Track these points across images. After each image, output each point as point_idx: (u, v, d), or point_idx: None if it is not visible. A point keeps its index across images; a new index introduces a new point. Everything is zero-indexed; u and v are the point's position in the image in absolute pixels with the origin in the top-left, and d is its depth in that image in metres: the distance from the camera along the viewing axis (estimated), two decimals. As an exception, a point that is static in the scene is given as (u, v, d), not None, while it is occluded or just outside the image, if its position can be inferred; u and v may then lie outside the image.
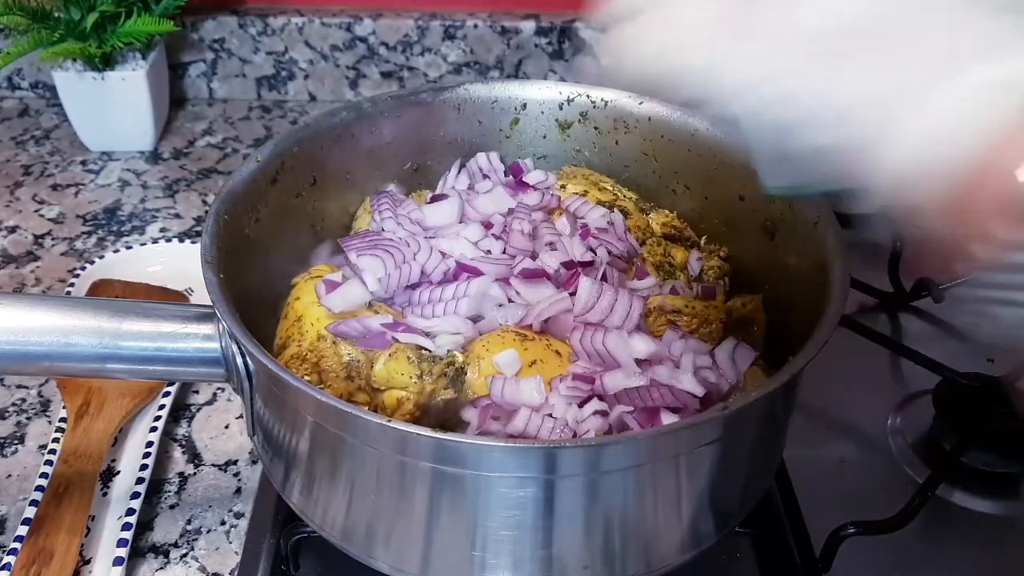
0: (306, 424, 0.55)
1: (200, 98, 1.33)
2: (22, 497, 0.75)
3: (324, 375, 0.60)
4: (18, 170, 1.17)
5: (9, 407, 0.84)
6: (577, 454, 0.51)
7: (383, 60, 1.29)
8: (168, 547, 0.72)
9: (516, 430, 0.58)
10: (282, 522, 0.70)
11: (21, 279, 0.99)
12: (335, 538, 0.60)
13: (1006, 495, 0.76)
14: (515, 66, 1.28)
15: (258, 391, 0.58)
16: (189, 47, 1.29)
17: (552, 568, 0.55)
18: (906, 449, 0.79)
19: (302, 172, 0.72)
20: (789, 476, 0.74)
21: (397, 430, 0.50)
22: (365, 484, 0.55)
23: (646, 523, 0.56)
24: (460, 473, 0.51)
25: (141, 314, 0.59)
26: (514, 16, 1.26)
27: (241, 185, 0.66)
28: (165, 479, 0.77)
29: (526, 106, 0.80)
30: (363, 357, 0.60)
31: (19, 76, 1.31)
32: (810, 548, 0.69)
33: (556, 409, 0.58)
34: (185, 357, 0.59)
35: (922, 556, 0.72)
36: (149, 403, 0.81)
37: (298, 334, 0.62)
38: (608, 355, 0.60)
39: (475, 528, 0.54)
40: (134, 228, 1.07)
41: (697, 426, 0.52)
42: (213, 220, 0.62)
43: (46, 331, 0.57)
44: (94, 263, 0.95)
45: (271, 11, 1.27)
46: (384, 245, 0.67)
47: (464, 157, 0.80)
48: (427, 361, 0.61)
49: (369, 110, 0.75)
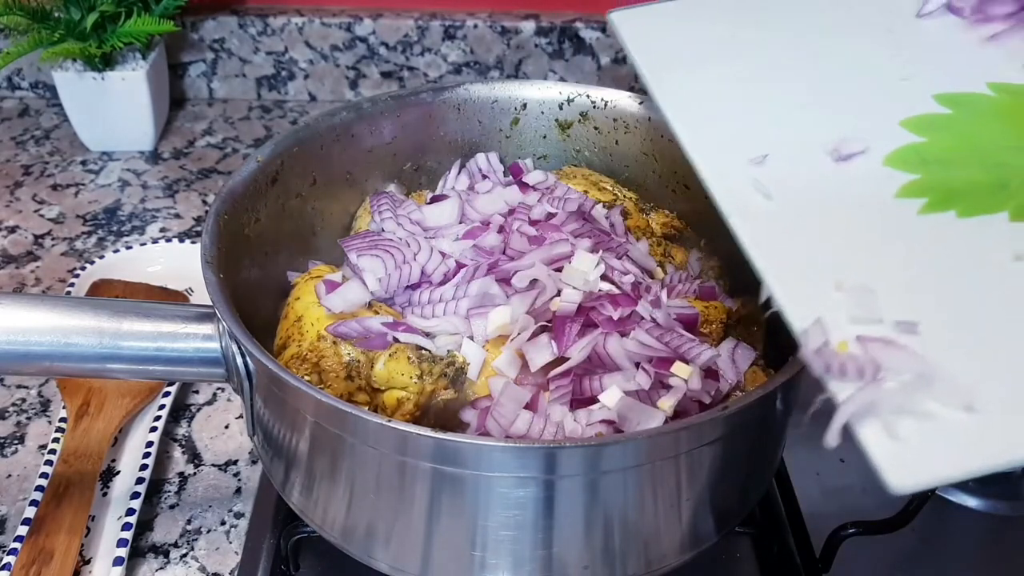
0: (306, 424, 0.55)
1: (200, 98, 1.33)
2: (22, 497, 0.75)
3: (324, 375, 0.60)
4: (18, 170, 1.17)
5: (9, 407, 0.84)
6: (577, 454, 0.51)
7: (383, 60, 1.29)
8: (168, 547, 0.72)
9: (517, 432, 0.58)
10: (282, 522, 0.70)
11: (21, 279, 0.99)
12: (335, 538, 0.60)
13: (1006, 495, 0.76)
14: (515, 66, 1.29)
15: (258, 391, 0.58)
16: (189, 47, 1.29)
17: (552, 568, 0.55)
18: (906, 449, 0.79)
19: (302, 172, 0.72)
20: (789, 476, 0.74)
21: (397, 430, 0.50)
22: (365, 484, 0.55)
23: (646, 523, 0.56)
24: (460, 473, 0.51)
25: (141, 314, 0.59)
26: (514, 16, 1.26)
27: (241, 185, 0.66)
28: (165, 479, 0.77)
29: (526, 106, 0.80)
30: (363, 357, 0.60)
31: (19, 76, 1.31)
32: (810, 548, 0.69)
33: (554, 414, 0.58)
34: (185, 357, 0.59)
35: (922, 556, 0.72)
36: (149, 403, 0.81)
37: (298, 334, 0.62)
38: (608, 358, 0.60)
39: (475, 528, 0.54)
40: (134, 228, 1.07)
41: (697, 426, 0.52)
42: (213, 220, 0.62)
43: (46, 331, 0.57)
44: (94, 263, 0.95)
45: (271, 11, 1.27)
46: (384, 245, 0.67)
47: (464, 157, 0.80)
48: (427, 361, 0.61)
49: (369, 110, 0.75)
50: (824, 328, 0.43)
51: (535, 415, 0.58)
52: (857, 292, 0.44)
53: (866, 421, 0.40)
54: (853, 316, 0.44)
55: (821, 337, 0.43)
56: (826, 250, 0.47)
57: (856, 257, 0.47)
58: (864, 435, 0.39)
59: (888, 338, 0.42)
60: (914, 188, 0.50)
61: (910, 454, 0.39)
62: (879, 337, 0.42)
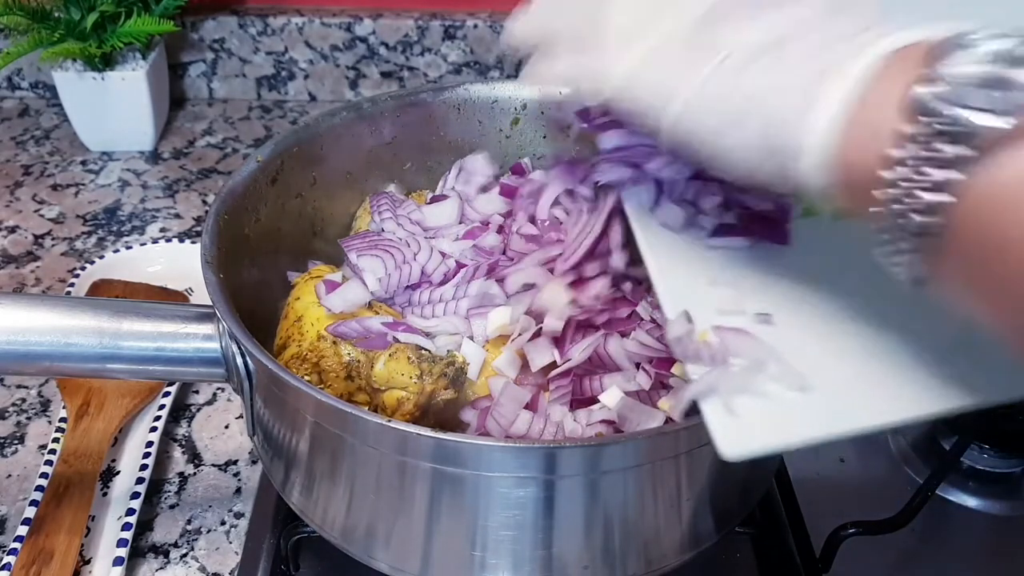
0: (306, 424, 0.55)
1: (200, 98, 1.33)
2: (22, 497, 0.75)
3: (324, 375, 0.60)
4: (18, 170, 1.17)
5: (9, 407, 0.84)
6: (577, 454, 0.51)
7: (383, 60, 1.29)
8: (168, 547, 0.72)
9: (517, 432, 0.58)
10: (282, 522, 0.70)
11: (21, 279, 0.99)
12: (335, 538, 0.60)
13: (1006, 495, 0.76)
14: (515, 66, 1.28)
15: (258, 391, 0.58)
16: (189, 47, 1.29)
17: (552, 568, 0.55)
18: (906, 449, 0.79)
19: (302, 172, 0.72)
20: (789, 476, 0.74)
21: (397, 430, 0.50)
22: (365, 484, 0.55)
23: (646, 523, 0.56)
24: (460, 473, 0.51)
25: (141, 314, 0.59)
26: (514, 16, 1.26)
27: (241, 185, 0.66)
28: (165, 479, 0.77)
29: (526, 106, 0.80)
30: (363, 357, 0.60)
31: (19, 76, 1.31)
32: (810, 548, 0.69)
33: (554, 414, 0.58)
34: (185, 357, 0.59)
35: (922, 556, 0.72)
36: (149, 403, 0.81)
37: (298, 334, 0.62)
38: (609, 358, 0.60)
39: (475, 528, 0.54)
40: (134, 228, 1.07)
41: (697, 426, 0.52)
42: (213, 220, 0.62)
43: (46, 331, 0.57)
44: (94, 263, 0.95)
45: (271, 11, 1.27)
46: (384, 245, 0.67)
47: (464, 157, 0.80)
48: (427, 361, 0.61)
49: (369, 110, 0.75)
50: (688, 319, 0.48)
51: (535, 415, 0.58)
52: (726, 288, 0.50)
53: (709, 399, 0.45)
54: (720, 308, 0.49)
55: (684, 327, 0.48)
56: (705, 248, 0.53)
57: (732, 256, 0.52)
58: (705, 410, 0.44)
59: (742, 328, 0.47)
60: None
61: (743, 427, 0.43)
62: (733, 327, 0.47)
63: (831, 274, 0.50)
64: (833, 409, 0.44)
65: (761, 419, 0.44)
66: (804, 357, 0.45)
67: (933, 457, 0.77)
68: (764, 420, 0.44)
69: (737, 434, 0.43)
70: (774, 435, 0.43)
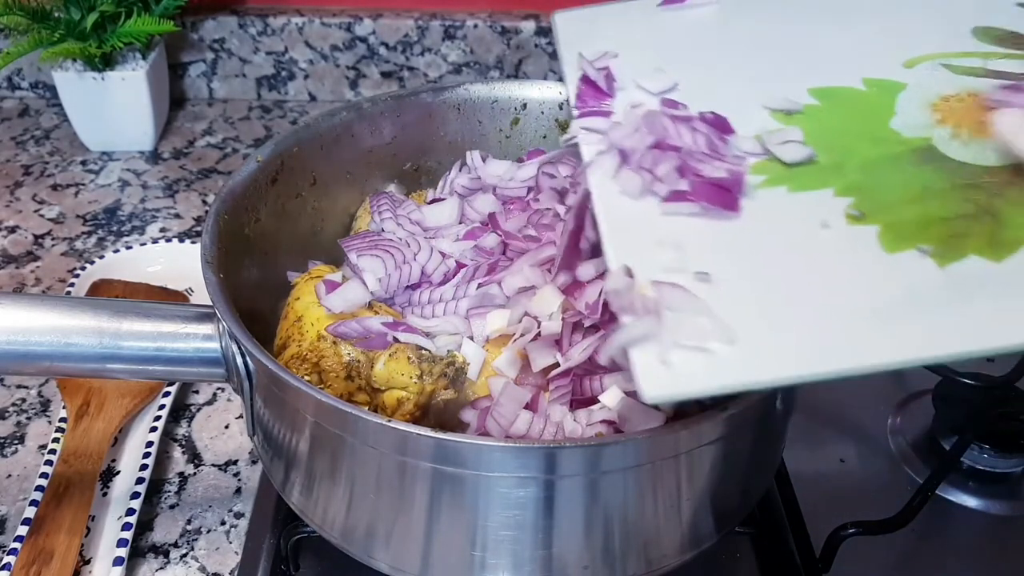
0: (306, 424, 0.55)
1: (200, 98, 1.33)
2: (22, 497, 0.75)
3: (324, 375, 0.60)
4: (18, 170, 1.17)
5: (9, 407, 0.84)
6: (577, 454, 0.51)
7: (383, 60, 1.29)
8: (168, 547, 0.72)
9: (517, 432, 0.58)
10: (282, 522, 0.70)
11: (21, 279, 0.99)
12: (335, 538, 0.60)
13: (1006, 495, 0.76)
14: (515, 66, 1.29)
15: (258, 391, 0.58)
16: (189, 47, 1.29)
17: (552, 568, 0.55)
18: (906, 449, 0.79)
19: (302, 172, 0.72)
20: (789, 476, 0.74)
21: (397, 430, 0.50)
22: (365, 484, 0.55)
23: (646, 523, 0.56)
24: (460, 473, 0.51)
25: (141, 314, 0.59)
26: (514, 16, 1.27)
27: (241, 185, 0.66)
28: (165, 479, 0.77)
29: (526, 106, 0.80)
30: (363, 357, 0.60)
31: (19, 76, 1.31)
32: (810, 548, 0.69)
33: (554, 414, 0.58)
34: (185, 357, 0.59)
35: (922, 556, 0.72)
36: (149, 403, 0.81)
37: (298, 334, 0.62)
38: (609, 359, 0.60)
39: (475, 528, 0.54)
40: (134, 228, 1.07)
41: (697, 426, 0.52)
42: (213, 220, 0.62)
43: (46, 331, 0.57)
44: (94, 263, 0.95)
45: (271, 11, 1.27)
46: (384, 245, 0.67)
47: (465, 158, 0.80)
48: (427, 361, 0.61)
49: (369, 110, 0.75)
50: (627, 273, 0.49)
51: (535, 415, 0.58)
52: (672, 249, 0.51)
53: (638, 347, 0.46)
54: (664, 266, 0.50)
55: (623, 280, 0.49)
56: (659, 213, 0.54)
57: (683, 223, 0.53)
58: (633, 358, 0.45)
59: (679, 284, 0.48)
60: (760, 167, 0.56)
61: (667, 374, 0.45)
62: (670, 283, 0.48)
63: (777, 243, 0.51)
64: (759, 359, 0.45)
65: (687, 367, 0.45)
66: (737, 314, 0.47)
67: (933, 457, 0.77)
68: (689, 367, 0.45)
69: (662, 379, 0.44)
70: (697, 381, 0.44)
